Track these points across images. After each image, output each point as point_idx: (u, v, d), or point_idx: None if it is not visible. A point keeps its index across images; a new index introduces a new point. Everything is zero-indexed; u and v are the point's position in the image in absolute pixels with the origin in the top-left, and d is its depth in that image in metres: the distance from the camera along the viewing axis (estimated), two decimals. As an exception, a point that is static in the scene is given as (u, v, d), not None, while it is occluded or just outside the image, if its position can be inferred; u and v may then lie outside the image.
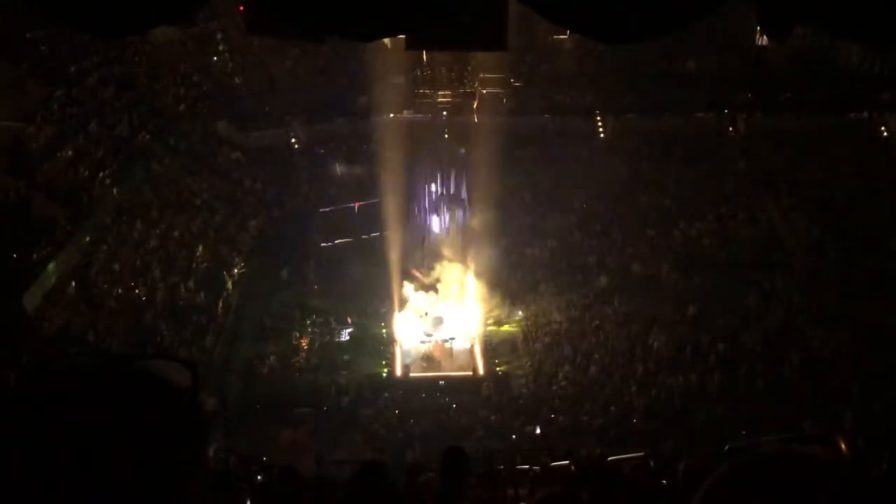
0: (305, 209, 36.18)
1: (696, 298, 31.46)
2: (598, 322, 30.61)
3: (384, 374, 29.54)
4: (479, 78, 39.61)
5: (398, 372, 29.46)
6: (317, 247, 34.49)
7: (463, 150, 37.27)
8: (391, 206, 33.61)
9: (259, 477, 13.83)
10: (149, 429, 1.20)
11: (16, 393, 1.23)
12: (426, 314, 31.23)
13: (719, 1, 3.27)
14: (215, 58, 40.20)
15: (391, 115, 37.76)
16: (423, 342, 30.34)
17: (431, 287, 32.60)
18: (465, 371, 29.85)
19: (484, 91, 39.17)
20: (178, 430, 1.24)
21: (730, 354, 28.30)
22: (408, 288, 32.20)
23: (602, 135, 39.85)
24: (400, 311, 31.39)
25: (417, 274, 33.12)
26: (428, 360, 30.12)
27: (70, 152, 30.44)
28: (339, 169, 38.39)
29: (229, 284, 31.52)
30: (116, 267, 28.44)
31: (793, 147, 39.08)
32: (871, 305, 29.97)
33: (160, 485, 1.19)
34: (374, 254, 32.83)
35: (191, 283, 30.02)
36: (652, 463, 11.20)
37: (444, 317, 31.14)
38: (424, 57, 38.99)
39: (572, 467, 13.42)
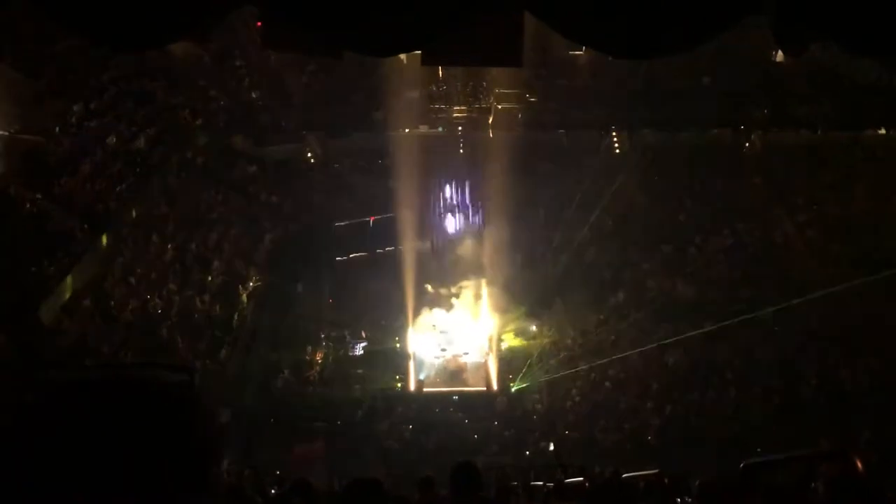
0: (321, 223, 36.26)
1: (712, 314, 31.32)
2: (612, 338, 30.48)
3: (398, 389, 29.51)
4: (494, 93, 39.64)
5: (412, 386, 29.41)
6: (332, 261, 34.55)
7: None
8: (406, 221, 33.66)
9: (272, 490, 13.81)
10: (148, 434, 1.20)
11: (17, 403, 1.23)
12: (434, 326, 31.16)
13: (734, 17, 3.27)
14: (232, 73, 40.43)
15: (406, 130, 37.87)
16: (437, 357, 30.27)
17: (454, 295, 32.53)
18: (479, 386, 29.76)
19: (499, 106, 39.20)
20: (178, 432, 1.24)
21: (745, 371, 28.12)
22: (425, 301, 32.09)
23: (617, 150, 39.80)
24: (414, 325, 31.34)
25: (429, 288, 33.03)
26: (454, 372, 29.96)
27: (88, 166, 30.65)
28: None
29: (244, 298, 31.60)
30: (132, 280, 28.56)
31: (809, 163, 38.95)
32: (889, 321, 29.78)
33: (162, 490, 1.19)
34: (388, 268, 32.86)
35: (206, 297, 30.12)
36: (666, 480, 11.15)
37: (459, 331, 31.10)
38: (440, 72, 39.11)
39: (586, 484, 13.35)
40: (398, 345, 31.11)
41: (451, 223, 37.46)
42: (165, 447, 1.21)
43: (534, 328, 31.82)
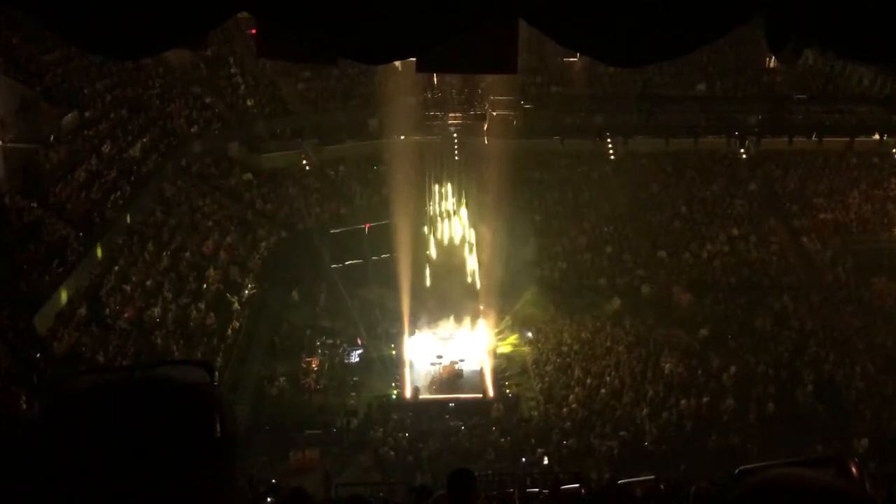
0: (316, 230, 36.24)
1: (708, 321, 31.35)
2: (608, 344, 30.46)
3: (394, 396, 29.45)
4: (489, 100, 39.76)
5: (408, 394, 29.36)
6: (327, 268, 34.49)
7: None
8: (401, 228, 33.65)
9: (269, 498, 13.77)
10: (170, 435, 1.18)
11: (35, 418, 1.21)
12: (432, 333, 31.19)
13: (728, 25, 3.28)
14: (227, 80, 40.50)
15: (402, 137, 37.91)
16: (433, 364, 30.25)
17: (450, 302, 32.47)
18: (475, 393, 29.70)
19: (494, 113, 39.29)
20: (200, 431, 1.21)
21: (741, 377, 28.12)
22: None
23: (612, 156, 39.88)
24: (409, 332, 31.30)
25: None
26: (450, 380, 29.84)
27: (83, 174, 30.64)
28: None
29: (239, 305, 31.55)
30: (128, 288, 28.51)
31: (803, 169, 39.07)
32: (884, 328, 29.85)
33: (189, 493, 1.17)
34: (384, 275, 32.85)
35: (201, 304, 30.06)
36: (662, 486, 11.15)
37: (455, 338, 31.12)
38: (435, 79, 39.20)
39: (583, 490, 13.34)
40: (394, 352, 31.06)
41: (447, 229, 37.47)
42: (188, 448, 1.18)
43: (530, 335, 31.77)
